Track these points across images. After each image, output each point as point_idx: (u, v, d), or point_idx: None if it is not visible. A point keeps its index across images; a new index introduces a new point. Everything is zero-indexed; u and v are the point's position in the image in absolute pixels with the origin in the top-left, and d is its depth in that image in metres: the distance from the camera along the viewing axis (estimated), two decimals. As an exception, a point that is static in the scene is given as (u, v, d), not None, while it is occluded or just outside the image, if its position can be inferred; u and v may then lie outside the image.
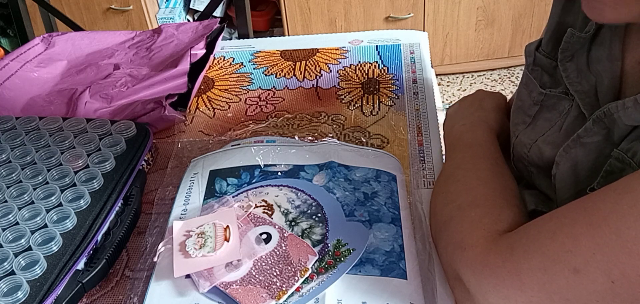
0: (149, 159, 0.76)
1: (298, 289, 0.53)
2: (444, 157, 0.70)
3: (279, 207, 0.62)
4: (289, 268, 0.54)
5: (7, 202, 0.61)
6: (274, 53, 1.00)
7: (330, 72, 0.93)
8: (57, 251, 0.56)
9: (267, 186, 0.65)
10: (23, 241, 0.56)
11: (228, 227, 0.58)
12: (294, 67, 0.95)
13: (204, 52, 0.96)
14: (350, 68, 0.93)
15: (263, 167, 0.67)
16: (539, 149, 0.58)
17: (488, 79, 2.43)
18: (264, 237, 0.58)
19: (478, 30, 2.30)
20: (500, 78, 2.42)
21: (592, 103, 0.52)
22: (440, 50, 2.35)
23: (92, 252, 0.59)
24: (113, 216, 0.63)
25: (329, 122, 0.80)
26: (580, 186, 0.52)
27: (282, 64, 0.96)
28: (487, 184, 0.56)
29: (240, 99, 0.88)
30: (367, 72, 0.92)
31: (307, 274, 0.54)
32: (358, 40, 1.01)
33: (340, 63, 0.95)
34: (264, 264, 0.55)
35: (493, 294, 0.47)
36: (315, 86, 0.90)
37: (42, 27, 1.47)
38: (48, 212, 0.59)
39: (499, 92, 0.76)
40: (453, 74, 2.47)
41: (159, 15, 2.33)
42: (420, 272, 0.55)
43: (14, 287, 0.52)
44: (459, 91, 2.39)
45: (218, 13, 2.27)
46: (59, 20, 1.44)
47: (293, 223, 0.60)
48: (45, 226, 0.58)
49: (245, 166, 0.68)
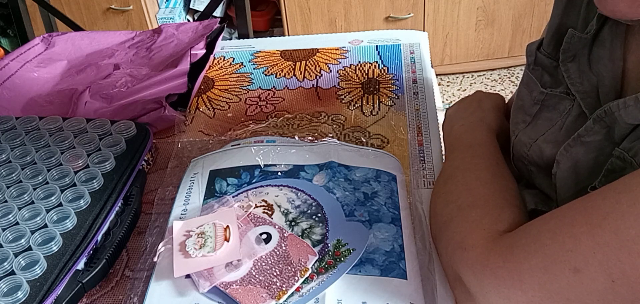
0: (149, 159, 0.76)
1: (298, 289, 0.53)
2: (444, 157, 0.70)
3: (279, 207, 0.62)
4: (289, 268, 0.54)
5: (7, 202, 0.61)
6: (274, 53, 1.00)
7: (330, 72, 0.93)
8: (57, 251, 0.56)
9: (267, 186, 0.65)
10: (23, 241, 0.56)
11: (228, 227, 0.58)
12: (294, 67, 0.95)
13: (204, 52, 0.96)
14: (350, 68, 0.93)
15: (263, 167, 0.67)
16: (540, 148, 0.58)
17: (488, 79, 2.43)
18: (264, 237, 0.58)
19: (478, 30, 2.30)
20: (500, 78, 2.42)
21: (593, 103, 0.52)
22: (440, 50, 2.35)
23: (92, 252, 0.59)
24: (113, 216, 0.63)
25: (329, 122, 0.80)
26: (581, 185, 0.52)
27: (282, 64, 0.96)
28: (487, 185, 0.56)
29: (240, 99, 0.88)
30: (367, 72, 0.92)
31: (307, 274, 0.53)
32: (358, 40, 1.01)
33: (340, 63, 0.95)
34: (264, 264, 0.55)
35: (494, 295, 0.47)
36: (315, 86, 0.90)
37: (42, 27, 1.47)
38: (48, 212, 0.59)
39: (498, 93, 0.76)
40: (453, 74, 2.47)
41: (159, 15, 2.33)
42: (420, 272, 0.55)
43: (14, 287, 0.52)
44: (459, 91, 2.39)
45: (218, 13, 2.27)
46: (59, 20, 1.44)
47: (293, 223, 0.59)
48: (45, 226, 0.58)
49: (245, 166, 0.68)
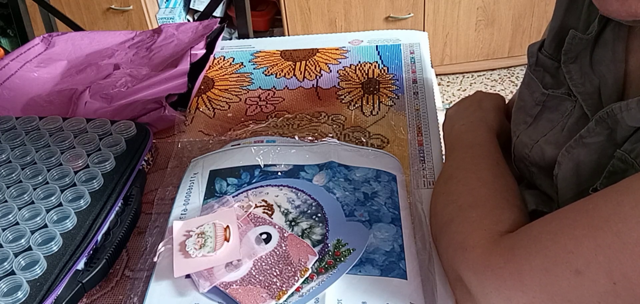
0: (149, 159, 0.76)
1: (298, 289, 0.52)
2: (444, 157, 0.69)
3: (279, 207, 0.62)
4: (289, 268, 0.54)
5: (7, 202, 0.61)
6: (274, 53, 1.00)
7: (330, 72, 0.93)
8: (57, 251, 0.56)
9: (267, 186, 0.64)
10: (23, 241, 0.56)
11: (228, 227, 0.58)
12: (294, 67, 0.95)
13: (204, 52, 0.96)
14: (350, 68, 0.93)
15: (263, 167, 0.67)
16: (541, 149, 0.58)
17: (488, 79, 2.43)
18: (264, 237, 0.58)
19: (478, 30, 2.30)
20: (500, 78, 2.42)
21: (595, 104, 0.52)
22: (440, 50, 2.35)
23: (92, 252, 0.59)
24: (113, 216, 0.63)
25: (329, 122, 0.80)
26: (583, 186, 0.52)
27: (282, 64, 0.96)
28: (487, 185, 0.56)
29: (240, 99, 0.88)
30: (367, 72, 0.92)
31: (307, 274, 0.53)
32: (358, 40, 1.01)
33: (340, 63, 0.95)
34: (264, 264, 0.55)
35: (494, 295, 0.46)
36: (315, 86, 0.90)
37: (42, 27, 1.47)
38: (48, 212, 0.59)
39: (498, 93, 0.76)
40: (453, 74, 2.47)
41: (159, 15, 2.33)
42: (420, 272, 0.55)
43: (14, 287, 0.52)
44: (459, 91, 2.39)
45: (218, 13, 2.27)
46: (59, 20, 1.44)
47: (293, 223, 0.59)
48: (45, 226, 0.58)
49: (245, 166, 0.68)
